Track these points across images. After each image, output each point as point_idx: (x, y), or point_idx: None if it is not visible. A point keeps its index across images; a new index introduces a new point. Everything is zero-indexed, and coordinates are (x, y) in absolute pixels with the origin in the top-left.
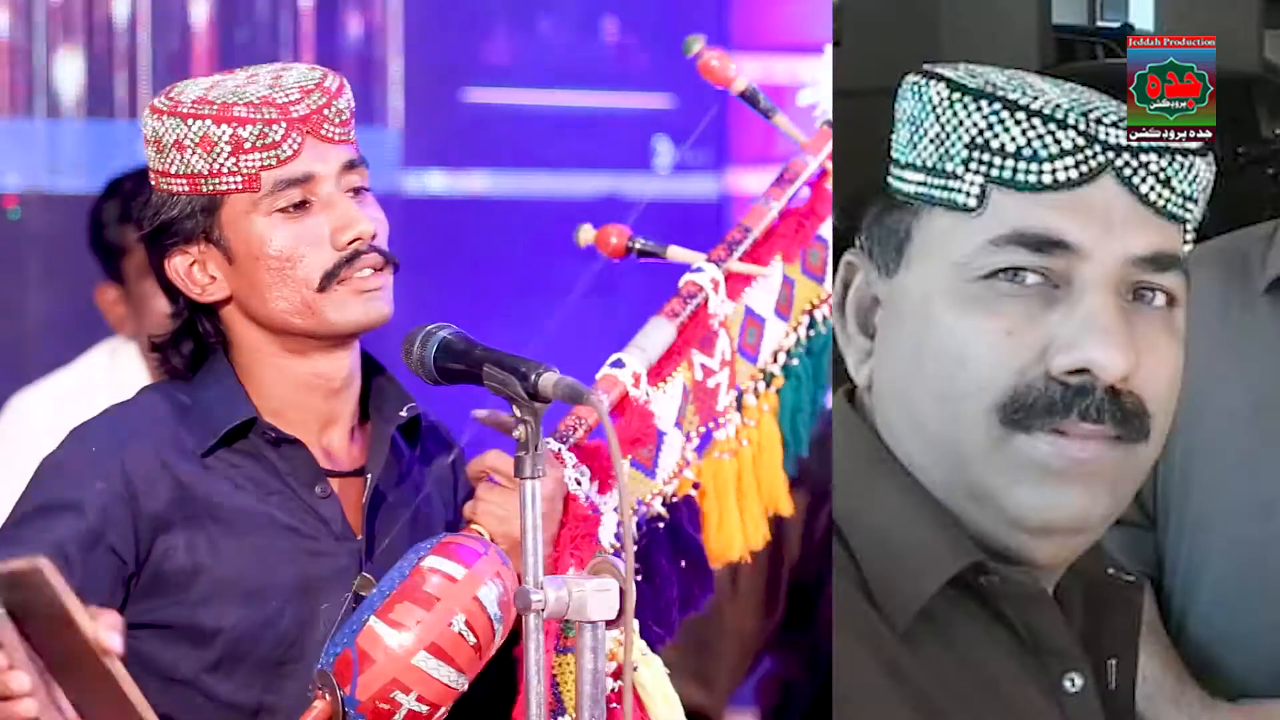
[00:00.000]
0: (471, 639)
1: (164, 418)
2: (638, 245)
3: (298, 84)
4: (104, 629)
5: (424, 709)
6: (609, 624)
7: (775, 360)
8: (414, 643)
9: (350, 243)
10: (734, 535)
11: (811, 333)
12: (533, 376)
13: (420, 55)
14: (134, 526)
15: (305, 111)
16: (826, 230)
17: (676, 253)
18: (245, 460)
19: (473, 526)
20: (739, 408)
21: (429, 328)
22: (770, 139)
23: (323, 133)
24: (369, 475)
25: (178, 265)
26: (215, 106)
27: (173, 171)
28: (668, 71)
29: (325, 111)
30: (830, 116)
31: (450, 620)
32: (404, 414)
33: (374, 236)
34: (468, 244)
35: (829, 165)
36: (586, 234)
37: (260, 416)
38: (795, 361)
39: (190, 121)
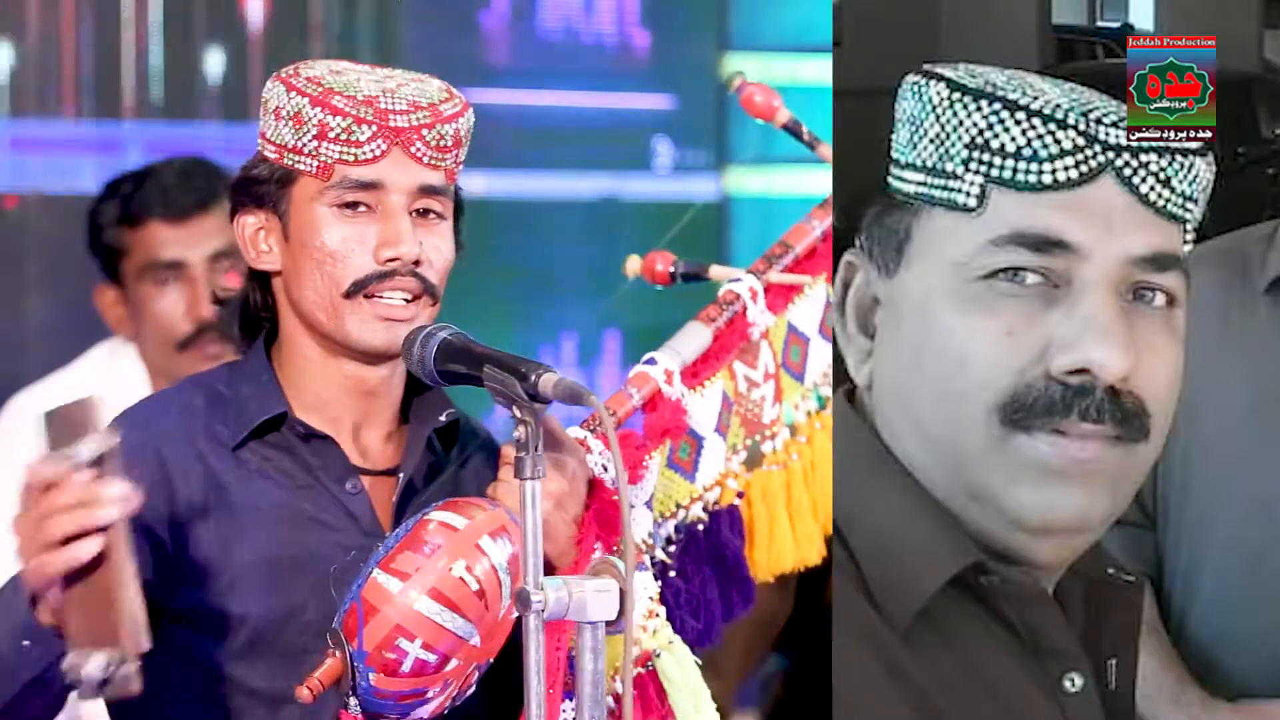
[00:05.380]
0: (474, 585)
1: (200, 408)
2: (680, 269)
3: (413, 97)
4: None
5: (432, 658)
6: (609, 625)
7: (826, 382)
8: (415, 588)
9: (388, 260)
10: (786, 547)
11: None
12: (532, 377)
13: (420, 55)
14: (170, 511)
15: (403, 124)
16: None
17: (718, 271)
18: (277, 453)
19: None
20: (788, 423)
21: (429, 328)
22: (770, 140)
23: (413, 150)
24: (401, 474)
25: (246, 224)
26: (320, 89)
27: (268, 136)
28: (668, 72)
29: (424, 132)
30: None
31: (450, 566)
32: (442, 418)
33: (418, 263)
34: (468, 244)
35: None
36: (634, 265)
37: (292, 411)
38: None
39: (293, 95)
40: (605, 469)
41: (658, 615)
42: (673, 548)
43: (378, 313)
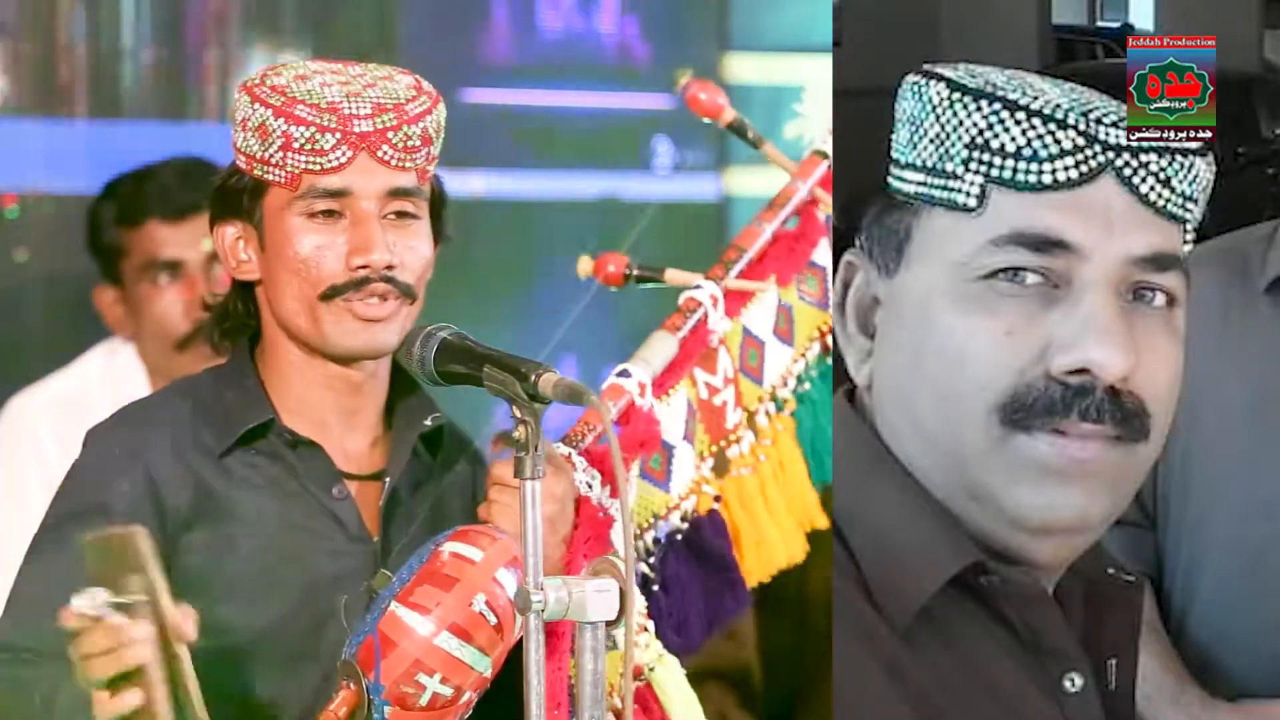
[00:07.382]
0: (492, 619)
1: (185, 416)
2: (635, 271)
3: (379, 99)
4: (183, 615)
5: (448, 691)
6: (609, 624)
7: (785, 385)
8: (436, 624)
9: (359, 267)
10: (775, 547)
11: (829, 359)
12: (533, 377)
13: (419, 55)
14: (160, 523)
15: (368, 129)
16: (821, 256)
17: (674, 275)
18: (264, 460)
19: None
20: (751, 427)
21: (429, 328)
22: (769, 141)
23: (379, 154)
24: (387, 479)
25: (225, 235)
26: (283, 99)
27: (239, 145)
28: (667, 72)
29: (390, 134)
30: (821, 145)
31: (471, 600)
32: (428, 423)
33: (390, 268)
34: (468, 244)
35: (819, 193)
36: (585, 266)
37: (279, 418)
38: (808, 387)
39: (257, 106)
40: (590, 486)
41: (647, 630)
42: (652, 559)
43: (355, 313)
